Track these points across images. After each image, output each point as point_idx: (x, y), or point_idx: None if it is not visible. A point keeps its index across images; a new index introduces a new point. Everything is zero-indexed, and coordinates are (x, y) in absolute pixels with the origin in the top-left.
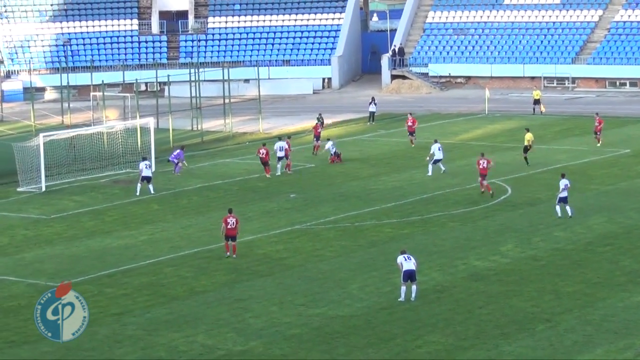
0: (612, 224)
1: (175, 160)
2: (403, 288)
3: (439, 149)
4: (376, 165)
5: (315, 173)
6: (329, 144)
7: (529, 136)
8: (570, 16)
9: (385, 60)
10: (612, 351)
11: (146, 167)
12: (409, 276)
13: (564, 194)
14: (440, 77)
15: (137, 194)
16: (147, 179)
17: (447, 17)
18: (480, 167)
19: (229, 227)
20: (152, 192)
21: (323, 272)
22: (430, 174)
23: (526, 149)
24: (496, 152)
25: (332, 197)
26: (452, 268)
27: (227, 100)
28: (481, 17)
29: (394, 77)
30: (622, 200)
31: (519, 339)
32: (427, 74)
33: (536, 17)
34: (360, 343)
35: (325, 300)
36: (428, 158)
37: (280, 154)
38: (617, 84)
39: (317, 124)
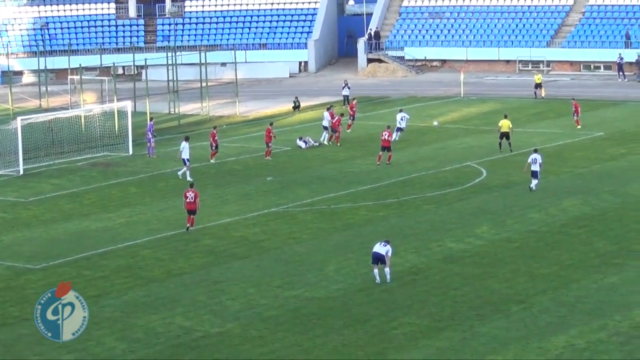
0: (586, 206)
1: (150, 134)
2: (375, 271)
3: (402, 119)
4: (352, 149)
5: (293, 156)
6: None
7: (506, 123)
8: (545, 0)
9: (361, 44)
10: (586, 332)
11: (183, 149)
12: (377, 259)
13: (535, 167)
14: (416, 60)
15: (188, 179)
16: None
17: (422, 1)
18: (383, 138)
19: (187, 200)
20: (188, 178)
21: (300, 254)
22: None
23: (504, 136)
24: (471, 134)
25: (309, 180)
26: (427, 250)
27: (204, 84)
28: (457, 0)
29: (370, 60)
30: (596, 183)
31: (494, 320)
32: (403, 57)
33: (511, 0)
34: (337, 324)
35: (301, 282)
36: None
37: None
38: (592, 67)
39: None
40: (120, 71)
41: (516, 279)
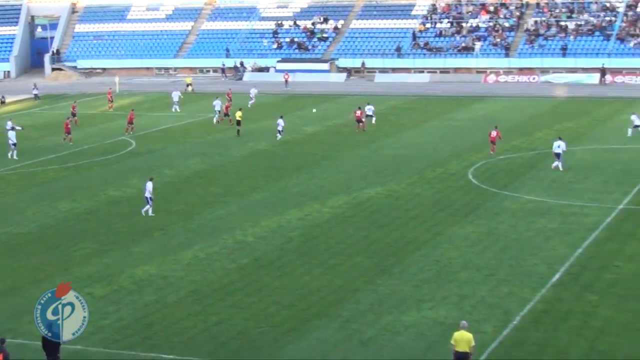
0: (203, 164)
1: None
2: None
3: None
4: (45, 130)
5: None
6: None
7: (239, 114)
8: (172, 26)
9: (47, 58)
10: (205, 247)
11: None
12: (146, 199)
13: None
14: (86, 69)
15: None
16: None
17: (89, 28)
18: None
19: None
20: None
21: (7, 203)
22: None
23: (238, 123)
24: (124, 118)
25: (18, 152)
26: (96, 197)
27: None
28: (113, 27)
29: (53, 69)
30: (209, 148)
31: (144, 243)
32: (76, 67)
33: (151, 27)
34: (36, 251)
35: (9, 222)
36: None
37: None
38: (204, 70)
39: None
40: None
41: (158, 214)
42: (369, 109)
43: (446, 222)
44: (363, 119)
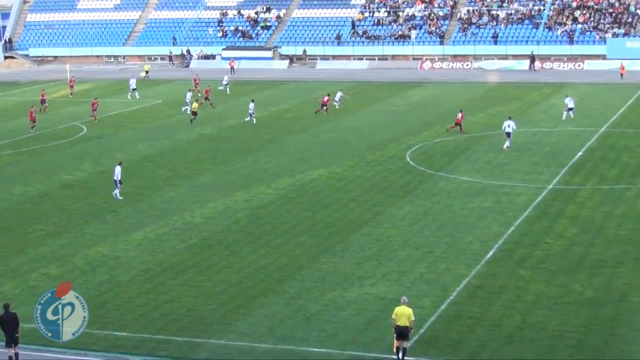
0: (152, 148)
1: None
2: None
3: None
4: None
5: None
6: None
7: (195, 105)
8: (121, 15)
9: None
10: (155, 228)
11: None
12: (114, 183)
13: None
14: (37, 57)
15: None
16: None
17: (40, 17)
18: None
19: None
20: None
21: None
22: None
23: (194, 113)
24: (75, 104)
25: None
26: (50, 181)
27: None
28: (63, 16)
29: (6, 57)
30: (158, 133)
31: (96, 224)
32: (29, 55)
33: (100, 16)
34: None
35: None
36: None
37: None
38: (152, 58)
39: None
40: None
41: (109, 197)
42: (338, 95)
43: (386, 203)
44: (329, 104)
